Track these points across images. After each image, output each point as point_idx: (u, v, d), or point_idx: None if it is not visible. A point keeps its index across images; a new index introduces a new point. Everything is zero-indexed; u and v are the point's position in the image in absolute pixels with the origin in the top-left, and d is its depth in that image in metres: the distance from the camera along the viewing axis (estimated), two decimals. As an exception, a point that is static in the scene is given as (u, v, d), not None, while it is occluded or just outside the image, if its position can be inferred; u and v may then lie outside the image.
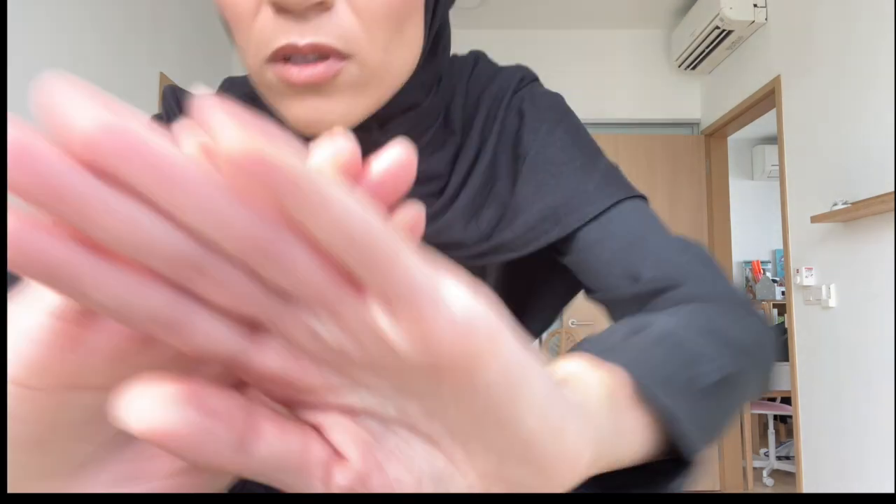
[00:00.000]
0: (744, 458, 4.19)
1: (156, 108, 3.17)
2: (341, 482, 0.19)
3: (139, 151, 0.14)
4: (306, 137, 0.43)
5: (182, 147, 0.16)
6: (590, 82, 4.31)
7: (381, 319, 0.16)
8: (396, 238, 0.16)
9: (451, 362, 0.16)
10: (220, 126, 0.14)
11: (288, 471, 0.18)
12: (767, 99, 3.43)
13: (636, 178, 4.06)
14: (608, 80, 4.31)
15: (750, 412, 4.19)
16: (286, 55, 0.40)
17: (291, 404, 0.20)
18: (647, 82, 4.31)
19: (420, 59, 0.47)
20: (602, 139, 4.10)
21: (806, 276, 2.95)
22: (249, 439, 0.17)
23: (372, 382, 0.19)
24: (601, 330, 0.37)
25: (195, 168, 0.14)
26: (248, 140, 0.14)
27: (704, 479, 3.90)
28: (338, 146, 0.18)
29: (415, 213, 0.20)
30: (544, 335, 4.12)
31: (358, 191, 0.18)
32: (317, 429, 0.20)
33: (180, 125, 0.16)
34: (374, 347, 0.17)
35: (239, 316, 0.17)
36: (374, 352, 0.17)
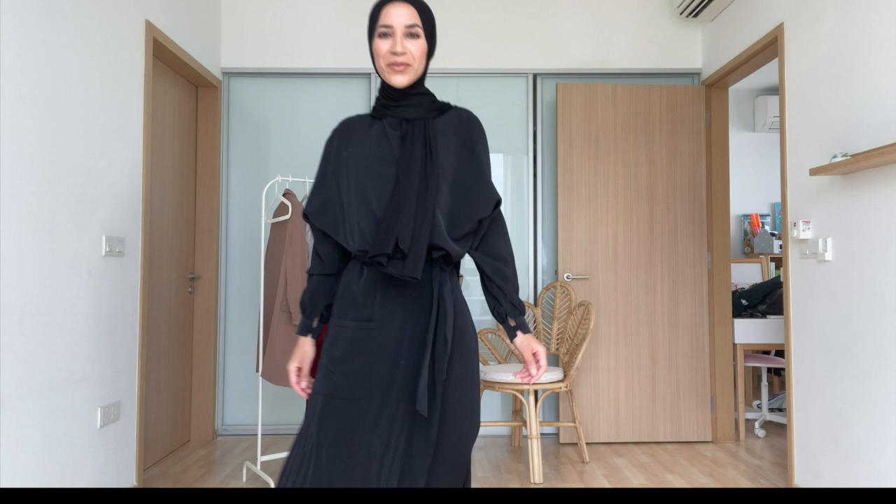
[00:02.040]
0: (736, 409, 4.24)
1: (142, 55, 3.09)
2: None
3: None
4: (395, 88, 1.57)
5: None
6: (588, 30, 4.20)
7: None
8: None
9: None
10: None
11: None
12: (770, 48, 3.35)
13: (634, 130, 4.01)
14: (607, 28, 4.21)
15: (744, 365, 4.22)
16: (393, 62, 1.54)
17: None
18: (647, 30, 4.20)
19: (424, 70, 1.61)
20: (600, 90, 4.02)
21: (803, 230, 2.92)
22: None
23: None
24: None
25: None
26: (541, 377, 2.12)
27: (697, 430, 3.96)
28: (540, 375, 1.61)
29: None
30: (540, 289, 4.12)
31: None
32: None
33: None
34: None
35: None
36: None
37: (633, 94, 4.04)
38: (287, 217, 3.02)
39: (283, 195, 3.12)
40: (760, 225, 5.52)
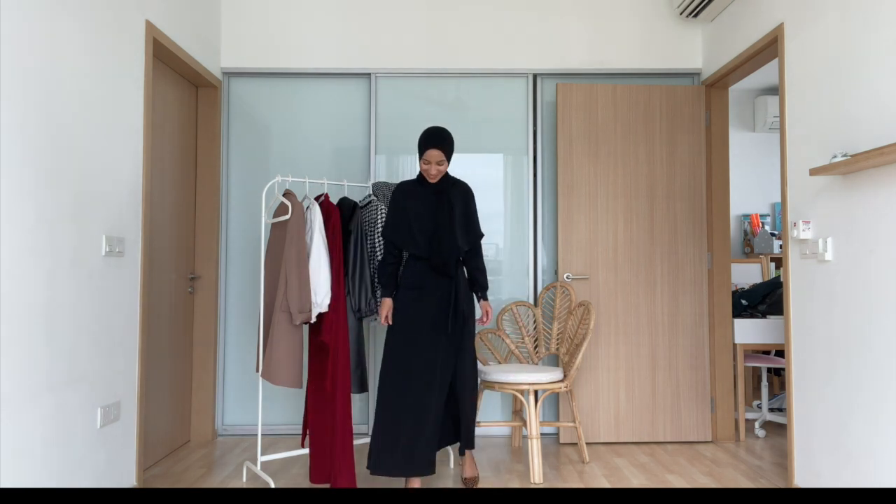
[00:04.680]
0: (736, 409, 4.24)
1: (142, 55, 3.09)
2: None
3: None
4: (430, 182, 3.08)
5: None
6: (588, 30, 4.20)
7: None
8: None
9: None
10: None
11: None
12: (770, 48, 3.35)
13: (634, 130, 4.01)
14: (607, 28, 4.21)
15: (744, 365, 4.22)
16: (428, 174, 3.05)
17: None
18: (647, 30, 4.20)
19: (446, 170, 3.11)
20: (600, 90, 4.02)
21: (803, 230, 2.92)
22: None
23: None
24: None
25: None
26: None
27: (697, 430, 3.96)
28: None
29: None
30: (540, 289, 4.12)
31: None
32: None
33: None
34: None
35: None
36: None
37: (633, 95, 4.04)
38: (287, 217, 3.02)
39: (283, 195, 3.12)
40: (760, 225, 5.52)
